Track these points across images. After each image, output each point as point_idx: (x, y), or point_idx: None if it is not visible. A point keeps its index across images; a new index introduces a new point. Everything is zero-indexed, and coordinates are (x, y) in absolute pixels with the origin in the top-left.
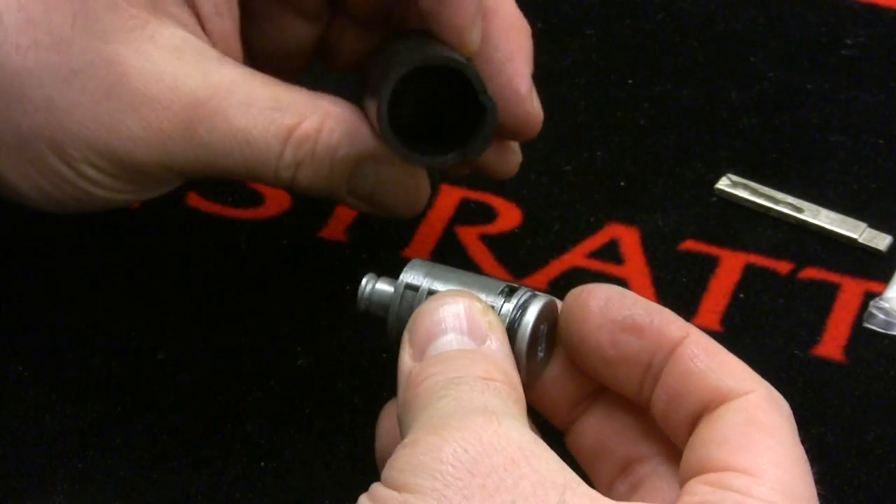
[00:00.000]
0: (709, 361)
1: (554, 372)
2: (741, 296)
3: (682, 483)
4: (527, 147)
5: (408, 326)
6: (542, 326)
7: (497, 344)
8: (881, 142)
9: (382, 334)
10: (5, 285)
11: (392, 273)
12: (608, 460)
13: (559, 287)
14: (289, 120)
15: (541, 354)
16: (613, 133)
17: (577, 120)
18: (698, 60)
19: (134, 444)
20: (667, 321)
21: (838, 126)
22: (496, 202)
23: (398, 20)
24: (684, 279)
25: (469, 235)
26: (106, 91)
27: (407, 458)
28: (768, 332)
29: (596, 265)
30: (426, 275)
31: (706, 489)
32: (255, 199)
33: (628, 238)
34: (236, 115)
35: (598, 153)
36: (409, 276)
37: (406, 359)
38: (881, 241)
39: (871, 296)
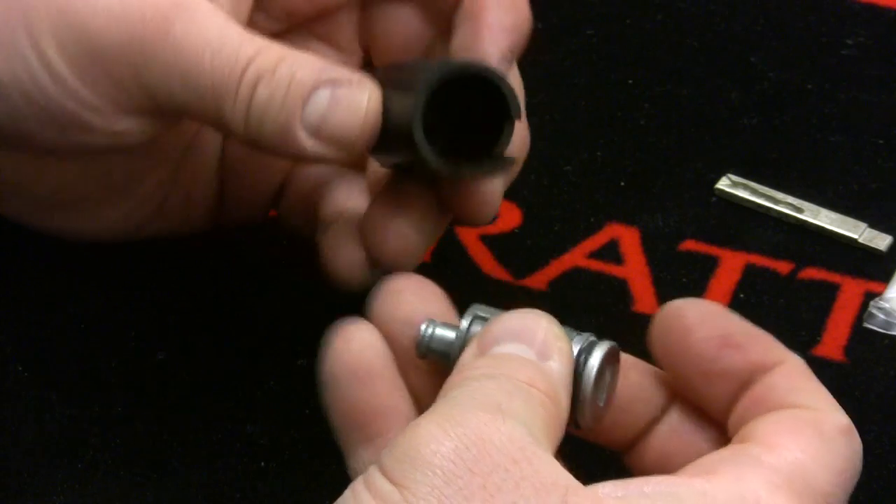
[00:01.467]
0: (795, 383)
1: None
2: (741, 296)
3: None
4: None
5: (480, 331)
6: (606, 371)
7: (558, 366)
8: (881, 142)
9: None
10: (5, 285)
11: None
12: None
13: (559, 287)
14: (260, 42)
15: (601, 401)
16: (613, 133)
17: (577, 120)
18: (698, 60)
19: (134, 444)
20: (769, 343)
21: (838, 126)
22: None
23: None
24: (684, 279)
25: (469, 236)
26: None
27: (405, 448)
28: (768, 332)
29: (596, 265)
30: (488, 319)
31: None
32: None
33: (628, 238)
34: (216, 23)
35: (598, 153)
36: (469, 322)
37: (467, 355)
38: (881, 241)
39: (871, 296)
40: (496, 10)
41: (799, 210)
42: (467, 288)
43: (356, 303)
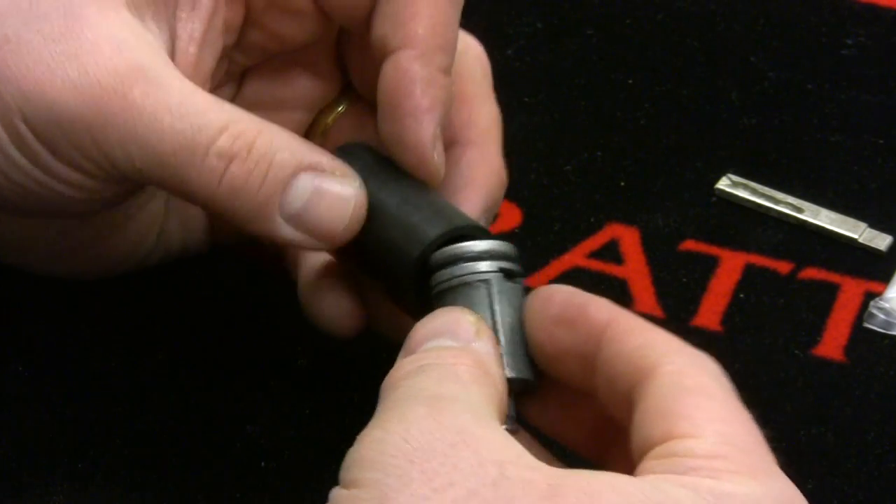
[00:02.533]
0: (634, 341)
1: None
2: (741, 296)
3: (636, 464)
4: (527, 147)
5: (408, 336)
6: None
7: (482, 344)
8: (881, 142)
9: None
10: (5, 286)
11: None
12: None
13: None
14: (230, 112)
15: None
16: (613, 133)
17: (577, 120)
18: (698, 60)
19: (134, 444)
20: (596, 308)
21: (838, 126)
22: None
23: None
24: (684, 279)
25: None
26: (57, 35)
27: (353, 456)
28: (768, 332)
29: (596, 265)
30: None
31: (654, 464)
32: None
33: (628, 238)
34: (178, 87)
35: (598, 153)
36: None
37: (399, 359)
38: (881, 241)
39: (871, 296)
40: (483, 172)
41: (799, 210)
42: None
43: None
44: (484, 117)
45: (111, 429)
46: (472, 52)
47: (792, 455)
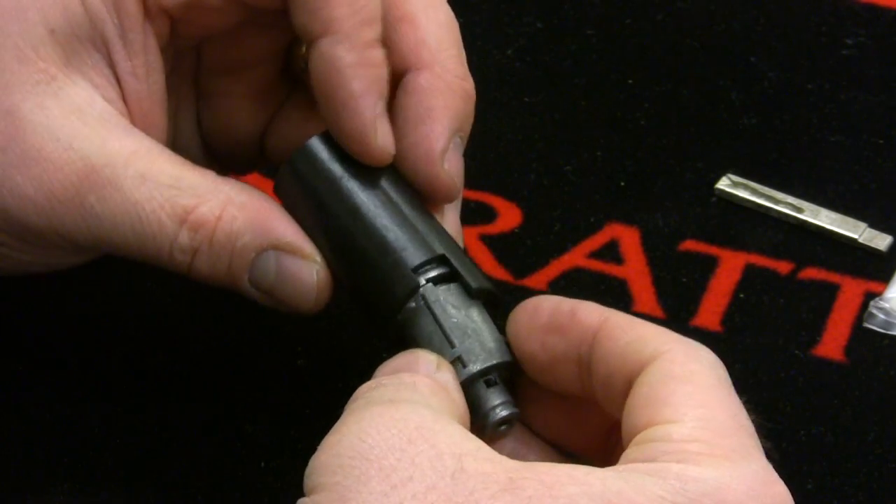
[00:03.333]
0: (626, 337)
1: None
2: (741, 296)
3: None
4: (527, 147)
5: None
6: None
7: (445, 374)
8: (881, 142)
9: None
10: (5, 286)
11: None
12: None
13: (559, 287)
14: (185, 200)
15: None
16: (613, 133)
17: (577, 120)
18: (698, 60)
19: (134, 444)
20: (585, 312)
21: (838, 126)
22: (496, 202)
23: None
24: (684, 279)
25: (469, 235)
26: (2, 144)
27: (313, 463)
28: (768, 332)
29: (596, 265)
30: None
31: (631, 451)
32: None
33: (628, 238)
34: (130, 187)
35: (598, 153)
36: None
37: None
38: (881, 241)
39: (871, 296)
40: (444, 95)
41: (799, 210)
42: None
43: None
44: (432, 31)
45: (111, 429)
46: None
47: (792, 455)
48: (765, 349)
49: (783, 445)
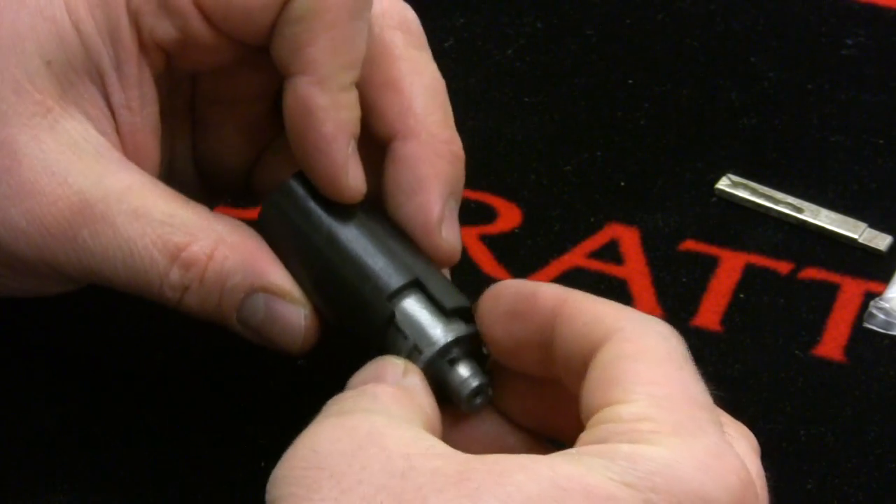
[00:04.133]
0: (582, 318)
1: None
2: (741, 296)
3: None
4: (527, 147)
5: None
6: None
7: (408, 379)
8: (881, 142)
9: None
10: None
11: None
12: None
13: None
14: (178, 238)
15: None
16: (613, 133)
17: (577, 120)
18: (698, 60)
19: (134, 444)
20: (544, 294)
21: (838, 126)
22: (496, 202)
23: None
24: (684, 279)
25: (469, 235)
26: None
27: (271, 478)
28: (768, 332)
29: (596, 265)
30: None
31: (585, 434)
32: (255, 200)
33: (628, 238)
34: (123, 223)
35: (598, 153)
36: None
37: None
38: (881, 241)
39: (871, 296)
40: (435, 162)
41: (799, 210)
42: (467, 288)
43: None
44: (418, 97)
45: (111, 429)
46: (387, 18)
47: (792, 455)
48: (765, 349)
49: (783, 445)
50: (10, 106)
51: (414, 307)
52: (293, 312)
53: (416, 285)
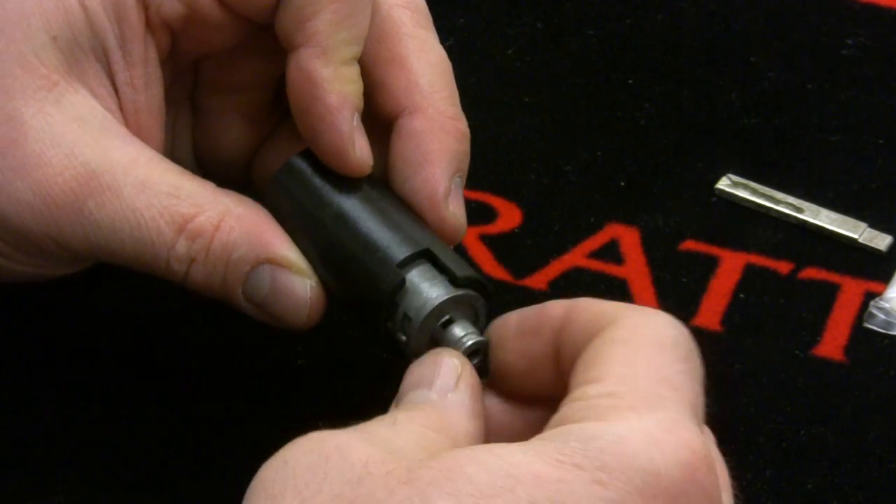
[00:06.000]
0: (587, 314)
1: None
2: (741, 296)
3: None
4: (527, 147)
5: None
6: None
7: (457, 394)
8: (881, 142)
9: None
10: (6, 286)
11: None
12: None
13: (559, 287)
14: (184, 209)
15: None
16: (613, 133)
17: (577, 120)
18: (698, 60)
19: (134, 444)
20: (552, 306)
21: (838, 126)
22: (496, 202)
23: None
24: (684, 279)
25: (469, 235)
26: (2, 149)
27: (247, 491)
28: (768, 332)
29: (596, 265)
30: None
31: (553, 415)
32: (255, 191)
33: (628, 238)
34: (130, 194)
35: (598, 153)
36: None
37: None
38: (881, 241)
39: (871, 296)
40: (441, 137)
41: (799, 210)
42: None
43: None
44: (424, 74)
45: (111, 429)
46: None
47: (792, 455)
48: (765, 349)
49: (783, 445)
50: (15, 79)
51: (422, 277)
52: (298, 284)
53: (424, 255)
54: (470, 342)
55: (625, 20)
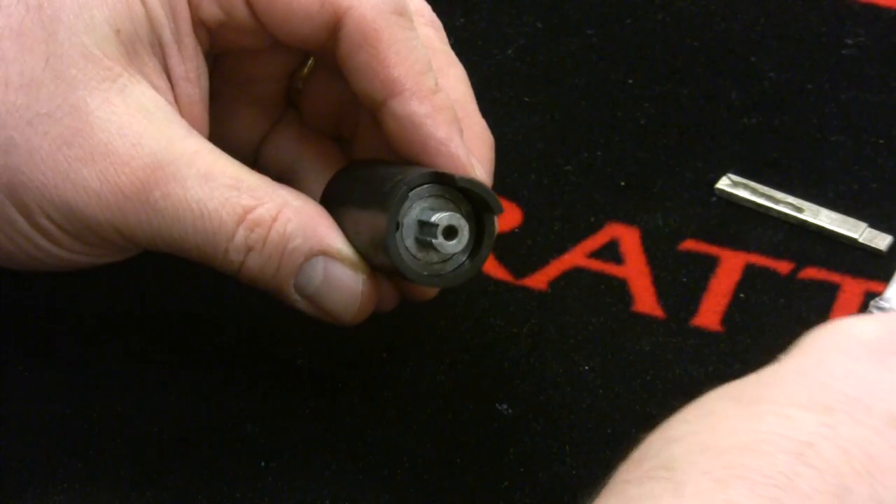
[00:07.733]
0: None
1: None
2: (741, 296)
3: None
4: (527, 147)
5: None
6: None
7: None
8: (881, 142)
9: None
10: (6, 286)
11: None
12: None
13: (559, 287)
14: (246, 201)
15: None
16: (613, 133)
17: (577, 120)
18: (698, 60)
19: (134, 444)
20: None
21: (838, 126)
22: None
23: (349, 134)
24: (684, 279)
25: None
26: (67, 138)
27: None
28: (768, 332)
29: (596, 265)
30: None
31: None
32: None
33: (628, 238)
34: (194, 185)
35: (598, 153)
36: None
37: None
38: (881, 241)
39: (871, 296)
40: (479, 146)
41: (799, 210)
42: (467, 288)
43: None
44: (453, 85)
45: (111, 429)
46: (419, 17)
47: None
48: (765, 349)
49: None
50: (79, 70)
51: (426, 194)
52: (351, 277)
53: (436, 180)
54: (438, 217)
55: (625, 20)
